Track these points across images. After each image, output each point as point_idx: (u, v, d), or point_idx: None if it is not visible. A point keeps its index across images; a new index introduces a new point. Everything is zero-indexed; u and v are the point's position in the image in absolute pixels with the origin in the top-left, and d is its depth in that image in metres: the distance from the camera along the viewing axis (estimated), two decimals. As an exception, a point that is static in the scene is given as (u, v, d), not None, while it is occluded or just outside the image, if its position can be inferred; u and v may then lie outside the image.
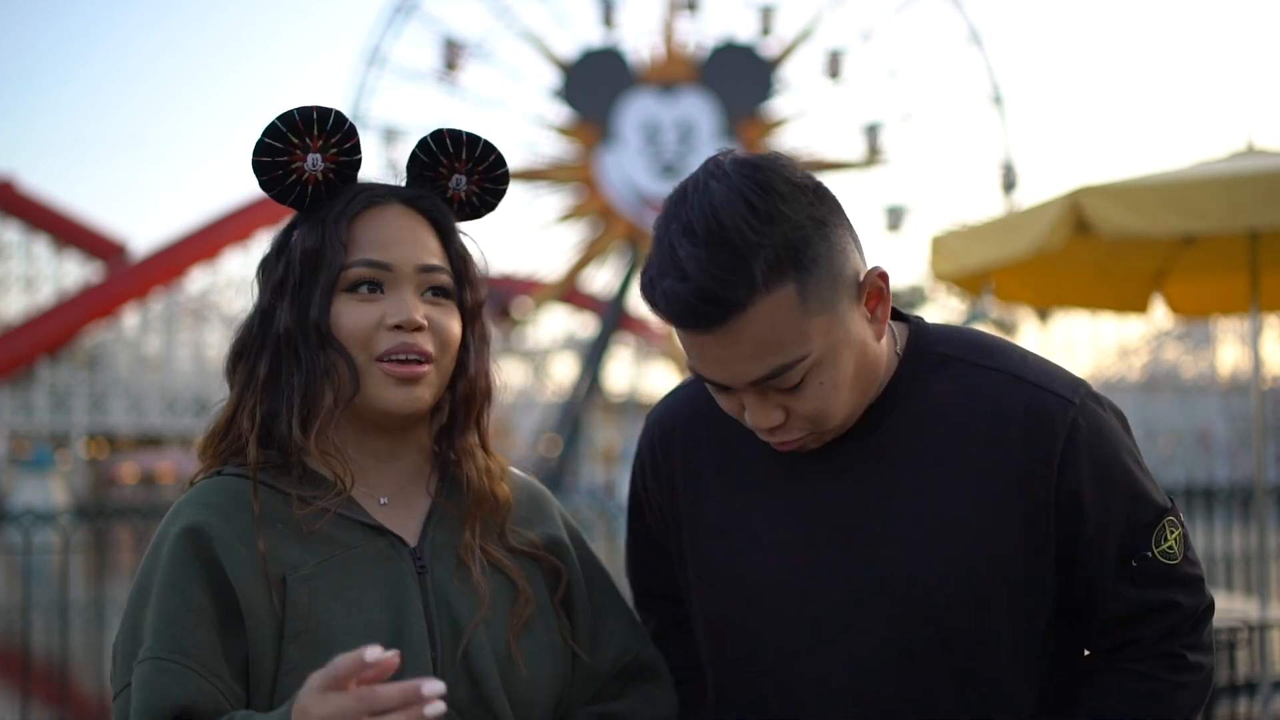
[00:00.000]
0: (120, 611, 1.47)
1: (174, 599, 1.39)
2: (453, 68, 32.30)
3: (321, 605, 1.42)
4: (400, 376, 1.47)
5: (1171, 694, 1.50)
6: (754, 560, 1.55)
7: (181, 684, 1.35)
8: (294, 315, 1.48)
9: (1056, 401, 1.49)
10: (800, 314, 1.36)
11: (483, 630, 1.48)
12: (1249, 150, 5.63)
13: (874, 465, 1.51)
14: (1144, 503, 1.50)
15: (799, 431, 1.45)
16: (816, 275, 1.36)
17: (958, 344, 1.55)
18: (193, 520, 1.43)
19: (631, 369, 37.58)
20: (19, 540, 6.54)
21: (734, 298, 1.32)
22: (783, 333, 1.35)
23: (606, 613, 1.64)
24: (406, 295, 1.49)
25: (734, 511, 1.58)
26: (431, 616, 1.47)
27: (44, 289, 46.04)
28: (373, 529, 1.49)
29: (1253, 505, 6.97)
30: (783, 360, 1.37)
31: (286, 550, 1.44)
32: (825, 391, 1.41)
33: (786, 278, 1.34)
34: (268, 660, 1.40)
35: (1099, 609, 1.51)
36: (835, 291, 1.39)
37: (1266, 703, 5.64)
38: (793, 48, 32.80)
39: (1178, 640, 1.51)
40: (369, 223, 1.51)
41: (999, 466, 1.47)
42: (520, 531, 1.59)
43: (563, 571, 1.61)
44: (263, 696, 1.40)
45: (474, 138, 1.56)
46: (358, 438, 1.53)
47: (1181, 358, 46.41)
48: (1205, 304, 6.75)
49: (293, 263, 1.49)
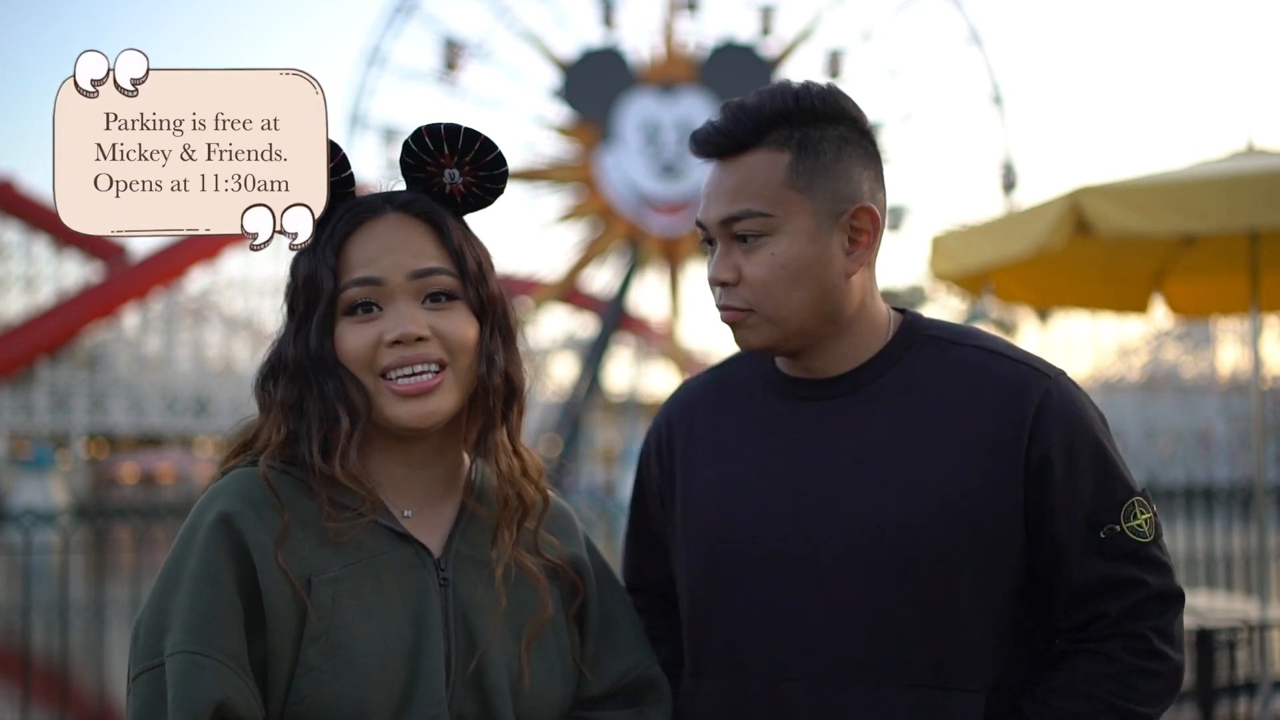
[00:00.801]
0: (120, 611, 1.46)
1: (209, 591, 1.39)
2: (453, 68, 32.31)
3: (344, 609, 1.42)
4: (406, 393, 1.46)
5: (1135, 678, 1.52)
6: (738, 515, 1.62)
7: (218, 680, 1.35)
8: (301, 344, 1.48)
9: (1031, 373, 1.59)
10: (783, 180, 1.57)
11: (497, 647, 1.48)
12: (1249, 150, 5.63)
13: (853, 427, 1.60)
14: (1114, 478, 1.56)
15: (740, 301, 1.59)
16: (811, 164, 1.57)
17: (945, 329, 1.67)
18: (226, 508, 1.43)
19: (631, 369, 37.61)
20: (19, 540, 6.55)
21: (741, 136, 1.57)
22: (762, 185, 1.57)
23: (618, 628, 1.64)
24: (402, 308, 1.47)
25: (723, 471, 1.65)
26: (450, 630, 1.47)
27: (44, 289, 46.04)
28: (399, 536, 1.49)
29: (1253, 505, 6.97)
30: (750, 206, 1.57)
31: (314, 552, 1.44)
32: (773, 267, 1.56)
33: (787, 148, 1.57)
34: (285, 661, 1.40)
35: (1065, 578, 1.54)
36: (821, 192, 1.57)
37: (1266, 703, 5.64)
38: (793, 48, 32.82)
39: (1144, 621, 1.53)
40: (360, 239, 1.49)
41: (971, 429, 1.55)
42: (551, 541, 1.59)
43: (580, 589, 1.61)
44: (277, 698, 1.40)
45: (454, 128, 1.51)
46: (387, 447, 1.52)
47: (1181, 358, 46.40)
48: (1205, 304, 6.74)
49: (297, 290, 1.50)
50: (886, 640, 1.53)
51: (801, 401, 1.64)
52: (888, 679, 1.52)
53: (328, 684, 1.39)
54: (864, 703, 1.52)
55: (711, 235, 1.62)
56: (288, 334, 1.50)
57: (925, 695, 1.51)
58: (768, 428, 1.65)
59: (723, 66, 31.55)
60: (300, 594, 1.40)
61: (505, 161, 1.55)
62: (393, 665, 1.42)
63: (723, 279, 1.59)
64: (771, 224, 1.56)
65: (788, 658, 1.56)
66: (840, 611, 1.54)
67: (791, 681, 1.55)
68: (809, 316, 1.58)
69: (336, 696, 1.39)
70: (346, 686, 1.39)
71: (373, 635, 1.42)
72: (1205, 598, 6.61)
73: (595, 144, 30.96)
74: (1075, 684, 1.52)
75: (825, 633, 1.54)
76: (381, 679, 1.41)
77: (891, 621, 1.52)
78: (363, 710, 1.39)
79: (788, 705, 1.55)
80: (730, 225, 1.58)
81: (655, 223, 30.35)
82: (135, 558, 7.00)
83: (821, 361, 1.63)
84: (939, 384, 1.59)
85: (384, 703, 1.40)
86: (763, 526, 1.59)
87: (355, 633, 1.41)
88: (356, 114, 31.01)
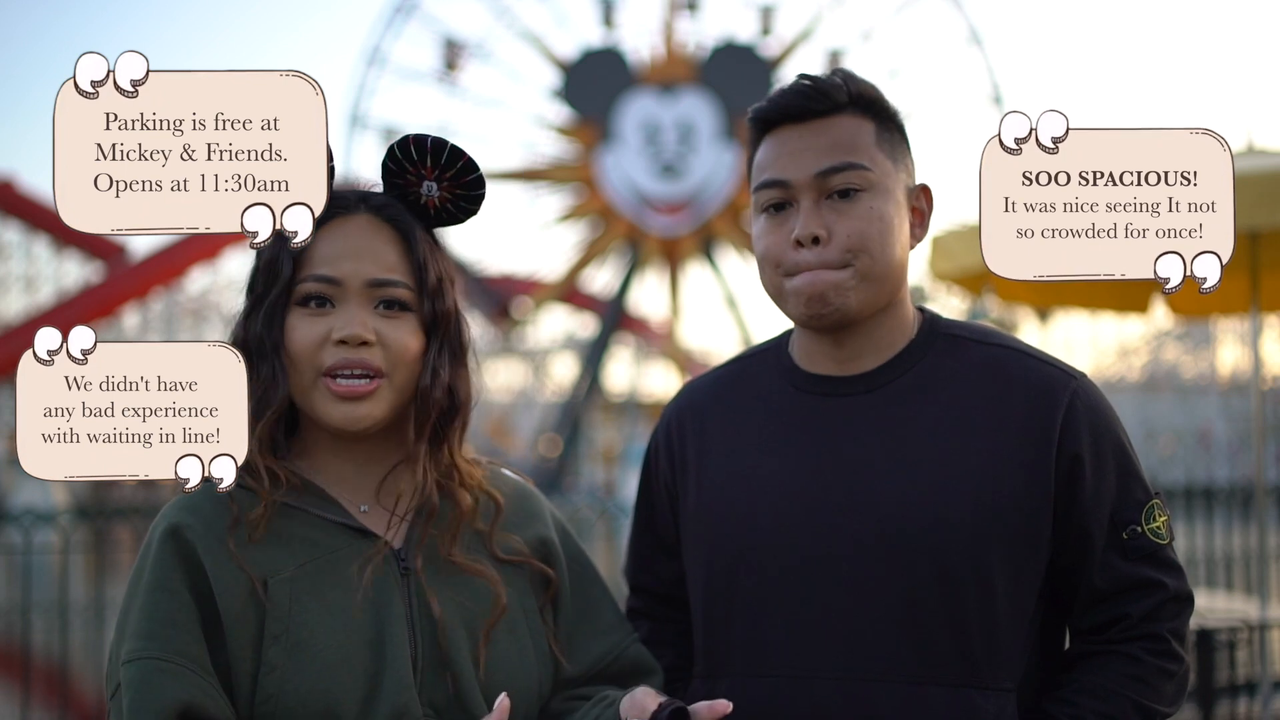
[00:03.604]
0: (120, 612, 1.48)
1: (164, 599, 1.42)
2: (453, 68, 32.28)
3: (301, 607, 1.44)
4: (342, 394, 1.49)
5: (1156, 679, 1.53)
6: (760, 512, 1.60)
7: (179, 683, 1.36)
8: (252, 326, 1.52)
9: (1058, 374, 1.60)
10: (874, 143, 1.61)
11: (461, 632, 1.49)
12: (1249, 150, 5.63)
13: (881, 422, 1.59)
14: (1136, 479, 1.58)
15: (836, 257, 1.56)
16: (890, 137, 1.63)
17: (967, 328, 1.68)
18: (175, 520, 1.46)
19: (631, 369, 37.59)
20: (19, 540, 6.54)
21: (834, 98, 1.61)
22: (858, 142, 1.60)
23: (593, 609, 1.64)
24: (354, 310, 1.49)
25: (741, 467, 1.64)
26: (413, 618, 1.48)
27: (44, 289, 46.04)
28: (356, 531, 1.51)
29: (1253, 505, 6.96)
30: (851, 159, 1.59)
31: (268, 553, 1.46)
32: (871, 220, 1.57)
33: (869, 117, 1.63)
34: (247, 662, 1.41)
35: (1087, 577, 1.56)
36: (900, 163, 1.64)
37: (1266, 703, 5.63)
38: (793, 48, 32.78)
39: (1163, 622, 1.54)
40: (328, 235, 1.51)
41: (1002, 425, 1.56)
42: (507, 539, 1.60)
43: (552, 577, 1.61)
44: (243, 699, 1.41)
45: (440, 142, 1.54)
46: (332, 444, 1.55)
47: (1181, 358, 46.37)
48: (1205, 304, 6.74)
49: (258, 272, 1.53)
50: (920, 638, 1.52)
51: (824, 398, 1.63)
52: (920, 677, 1.51)
53: (291, 680, 1.41)
54: (896, 701, 1.51)
55: (792, 195, 1.60)
56: (242, 315, 1.55)
57: (958, 694, 1.51)
58: (789, 424, 1.63)
59: (723, 66, 31.51)
60: (258, 594, 1.43)
61: (484, 184, 1.58)
62: (356, 656, 1.43)
63: (816, 233, 1.57)
64: (871, 179, 1.59)
65: (817, 657, 1.54)
66: (872, 610, 1.53)
67: (821, 680, 1.54)
68: (890, 279, 1.61)
69: (302, 692, 1.41)
70: (311, 681, 1.41)
71: (333, 629, 1.44)
72: (1205, 598, 6.61)
73: (595, 144, 30.94)
74: (1102, 684, 1.53)
75: (856, 631, 1.53)
76: (346, 670, 1.42)
77: (925, 620, 1.52)
78: (329, 703, 1.41)
79: (817, 705, 1.53)
80: (830, 177, 1.58)
81: (655, 223, 30.32)
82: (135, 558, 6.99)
83: (858, 345, 1.62)
84: (965, 383, 1.59)
85: (351, 694, 1.41)
86: (788, 523, 1.58)
87: (315, 628, 1.43)
88: (356, 114, 30.98)
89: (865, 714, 1.51)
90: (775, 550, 1.58)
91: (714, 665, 1.63)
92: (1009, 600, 1.53)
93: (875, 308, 1.60)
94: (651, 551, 1.78)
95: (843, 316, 1.59)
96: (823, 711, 1.53)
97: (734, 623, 1.61)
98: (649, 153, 30.97)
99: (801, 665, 1.55)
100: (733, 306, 29.15)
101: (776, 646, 1.56)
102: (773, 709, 1.56)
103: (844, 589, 1.54)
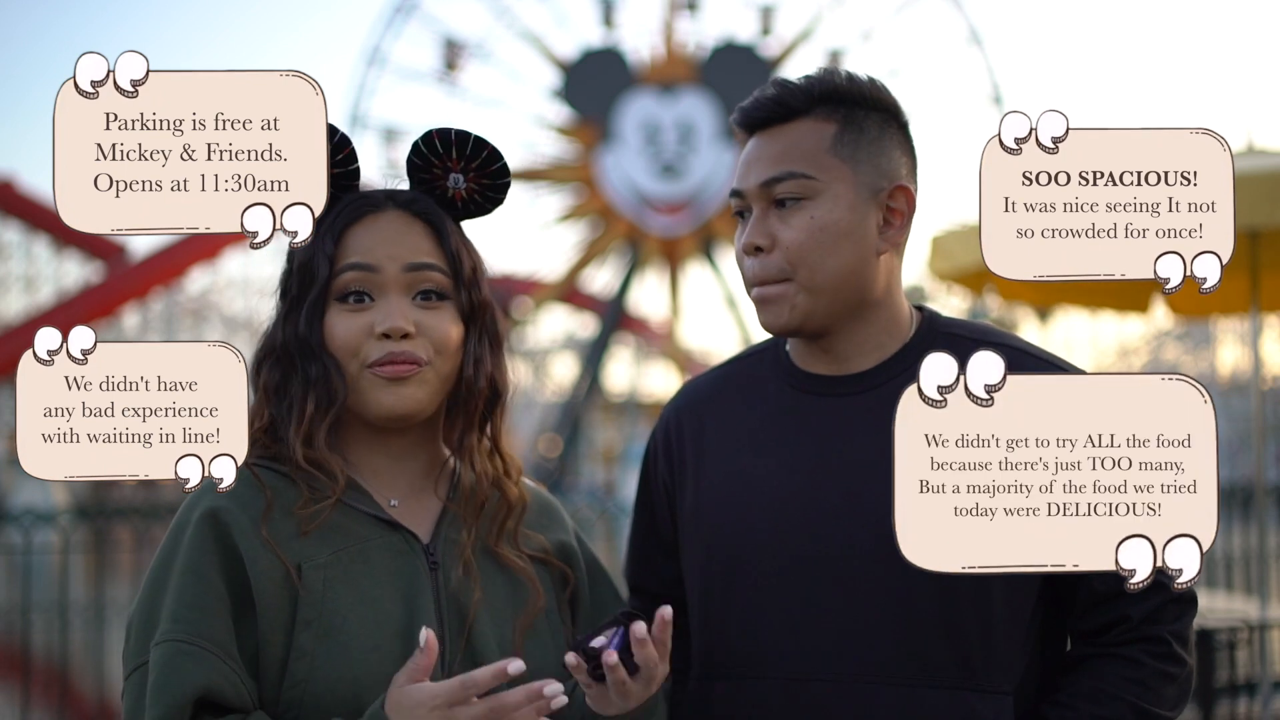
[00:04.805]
0: (120, 611, 1.49)
1: (194, 584, 1.43)
2: (453, 68, 32.29)
3: (334, 594, 1.45)
4: (389, 377, 1.49)
5: (1156, 682, 1.52)
6: (757, 512, 1.60)
7: (201, 667, 1.38)
8: (290, 328, 1.52)
9: (1058, 373, 1.56)
10: (828, 147, 1.59)
11: (489, 626, 1.51)
12: (1249, 150, 5.64)
13: (878, 422, 1.55)
14: None
15: (775, 269, 1.57)
16: (855, 138, 1.60)
17: (966, 327, 1.68)
18: (213, 504, 1.47)
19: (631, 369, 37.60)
20: (19, 540, 6.55)
21: (791, 104, 1.60)
22: (807, 150, 1.59)
23: (605, 613, 1.64)
24: (394, 302, 1.51)
25: (739, 467, 1.63)
26: (442, 612, 1.49)
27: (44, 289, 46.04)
28: (386, 524, 1.52)
29: (1253, 505, 6.96)
30: (793, 168, 1.58)
31: (302, 541, 1.47)
32: (812, 230, 1.56)
33: (833, 119, 1.60)
34: (277, 647, 1.43)
35: (1087, 579, 1.54)
36: (864, 164, 1.60)
37: (1266, 703, 5.64)
38: (793, 48, 32.78)
39: (1164, 624, 1.53)
40: (359, 231, 1.53)
41: None
42: (531, 536, 1.61)
43: (570, 577, 1.63)
44: (271, 683, 1.43)
45: (464, 135, 1.56)
46: (369, 439, 1.56)
47: (1181, 358, 46.37)
48: (1205, 304, 6.75)
49: (292, 275, 1.54)
50: (916, 641, 1.52)
51: (821, 398, 1.62)
52: (916, 680, 1.51)
53: (321, 667, 1.42)
54: (892, 704, 1.51)
55: (748, 204, 1.62)
56: (279, 318, 1.55)
57: (954, 696, 1.50)
58: (786, 424, 1.63)
59: (723, 66, 31.51)
60: (292, 579, 1.44)
61: (509, 172, 1.59)
62: (386, 646, 1.45)
63: (757, 243, 1.59)
64: (813, 187, 1.58)
65: (813, 659, 1.54)
66: (868, 612, 1.53)
67: (816, 683, 1.53)
68: (841, 287, 1.58)
69: (332, 679, 1.42)
70: (341, 669, 1.42)
71: (365, 618, 1.45)
72: (1205, 598, 6.60)
73: (595, 144, 30.94)
74: (1100, 688, 1.52)
75: (852, 633, 1.53)
76: (376, 660, 1.44)
77: (921, 622, 1.51)
78: (358, 691, 1.42)
79: (812, 707, 1.53)
80: (771, 188, 1.58)
81: (655, 223, 30.33)
82: (135, 558, 7.00)
83: (843, 349, 1.62)
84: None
85: (379, 682, 1.42)
86: (784, 524, 1.58)
87: (348, 616, 1.45)
88: (356, 114, 30.98)
89: (861, 717, 1.51)
90: (770, 552, 1.58)
91: (711, 667, 1.63)
92: (1005, 602, 1.53)
93: (836, 317, 1.59)
94: (651, 552, 1.78)
95: (798, 327, 1.60)
96: (818, 714, 1.53)
97: (730, 624, 1.61)
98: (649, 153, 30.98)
99: (797, 668, 1.54)
100: (733, 306, 29.14)
101: (772, 649, 1.56)
102: (768, 713, 1.55)
103: (840, 591, 1.54)
